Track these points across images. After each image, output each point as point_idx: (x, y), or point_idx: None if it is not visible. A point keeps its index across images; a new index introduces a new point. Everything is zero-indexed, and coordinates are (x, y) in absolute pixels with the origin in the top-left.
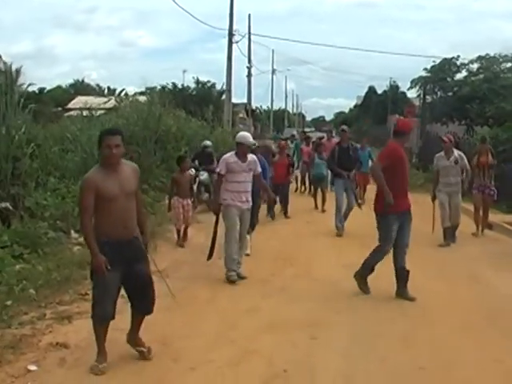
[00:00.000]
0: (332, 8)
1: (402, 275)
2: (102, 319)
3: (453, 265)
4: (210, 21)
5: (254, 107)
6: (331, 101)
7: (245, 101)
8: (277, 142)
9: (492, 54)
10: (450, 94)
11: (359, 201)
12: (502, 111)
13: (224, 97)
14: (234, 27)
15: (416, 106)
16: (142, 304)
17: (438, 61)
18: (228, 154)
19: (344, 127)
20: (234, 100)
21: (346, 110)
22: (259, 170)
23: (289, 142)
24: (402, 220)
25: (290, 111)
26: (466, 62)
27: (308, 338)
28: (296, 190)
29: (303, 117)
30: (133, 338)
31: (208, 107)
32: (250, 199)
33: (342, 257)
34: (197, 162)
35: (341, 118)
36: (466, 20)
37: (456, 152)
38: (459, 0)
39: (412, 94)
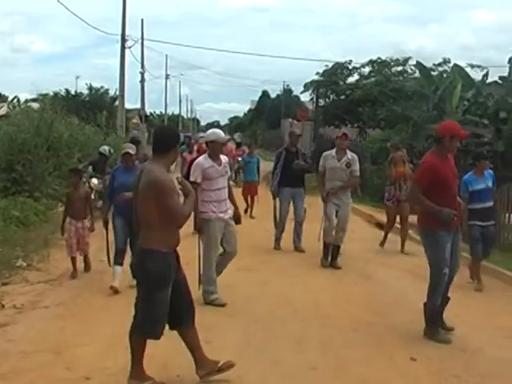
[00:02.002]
0: (224, 13)
1: (441, 302)
2: (155, 337)
3: (344, 264)
4: (103, 26)
5: (147, 113)
6: (225, 105)
7: (138, 106)
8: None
9: (383, 58)
10: (343, 97)
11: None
12: (393, 114)
13: (117, 102)
14: (127, 32)
15: (309, 110)
16: (187, 311)
17: (330, 65)
18: (200, 158)
19: (295, 130)
20: (128, 106)
21: (241, 115)
22: (229, 173)
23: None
24: (454, 239)
25: (185, 116)
26: (357, 65)
27: (202, 341)
28: None
29: (198, 122)
30: (202, 358)
31: (101, 113)
32: (229, 206)
33: (236, 261)
34: (91, 169)
35: (235, 123)
36: (357, 24)
37: (349, 153)
38: (350, 5)
39: (305, 97)
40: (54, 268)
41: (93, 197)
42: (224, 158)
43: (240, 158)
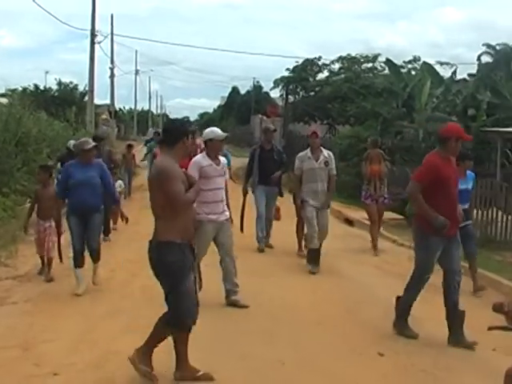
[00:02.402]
0: (195, 9)
1: (455, 315)
2: (185, 329)
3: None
4: (72, 21)
5: (117, 108)
6: (195, 101)
7: (108, 102)
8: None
9: (353, 55)
10: (312, 93)
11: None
12: (362, 110)
13: (87, 98)
14: (97, 28)
15: (279, 106)
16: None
17: (300, 61)
18: (198, 157)
19: (270, 126)
20: (97, 101)
21: (210, 111)
22: (227, 175)
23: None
24: (449, 245)
25: (154, 112)
26: (327, 62)
27: (170, 337)
28: None
29: (167, 117)
30: (184, 361)
31: (70, 109)
32: (226, 208)
33: (208, 256)
34: (59, 165)
35: (205, 119)
36: (327, 20)
37: (325, 152)
38: (320, 1)
39: (275, 94)
40: (22, 264)
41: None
42: (222, 159)
43: None
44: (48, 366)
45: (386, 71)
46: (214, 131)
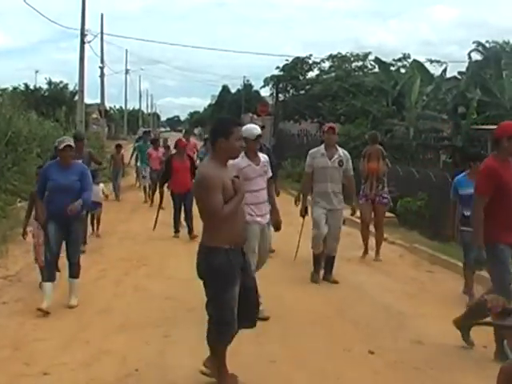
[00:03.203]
0: (185, 8)
1: None
2: (224, 342)
3: (303, 259)
4: (62, 20)
5: (107, 107)
6: (185, 100)
7: (98, 101)
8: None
9: (343, 53)
10: (303, 92)
11: None
12: (352, 108)
13: (77, 97)
14: (87, 27)
15: (269, 105)
16: (251, 314)
17: (290, 59)
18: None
19: (257, 122)
20: (88, 100)
21: (201, 110)
22: (270, 173)
23: (136, 145)
24: None
25: (145, 111)
26: (317, 60)
27: (161, 336)
28: (145, 202)
29: (158, 117)
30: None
31: (60, 108)
32: (268, 210)
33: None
34: None
35: (195, 118)
36: (318, 19)
37: (341, 150)
38: None
39: (265, 92)
40: (13, 264)
41: None
42: (263, 157)
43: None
44: (39, 365)
45: (377, 69)
46: (248, 129)
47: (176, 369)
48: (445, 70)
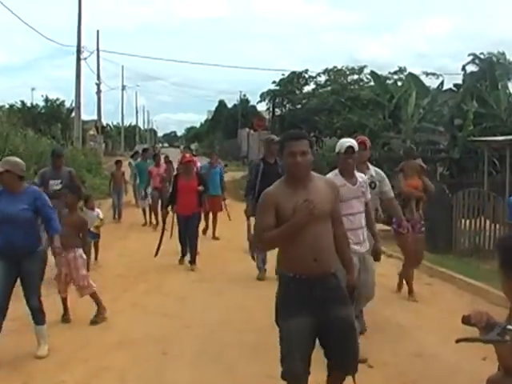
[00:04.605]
0: (179, 24)
1: None
2: (291, 379)
3: None
4: (58, 37)
5: (104, 124)
6: (182, 116)
7: (95, 118)
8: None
9: (339, 67)
10: (299, 106)
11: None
12: (349, 122)
13: (74, 114)
14: (83, 43)
15: (265, 119)
16: (342, 360)
17: (286, 74)
18: (331, 174)
19: (273, 136)
20: (84, 117)
21: (197, 125)
22: (369, 195)
23: (131, 160)
24: None
25: (142, 127)
26: (313, 74)
27: (159, 352)
28: (145, 225)
29: (155, 132)
30: None
31: (56, 125)
32: (366, 237)
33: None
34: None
35: (192, 133)
36: (313, 33)
37: (372, 168)
38: (305, 14)
39: (262, 107)
40: None
41: None
42: (361, 177)
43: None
44: None
45: (372, 83)
46: (342, 143)
47: None
48: (442, 83)
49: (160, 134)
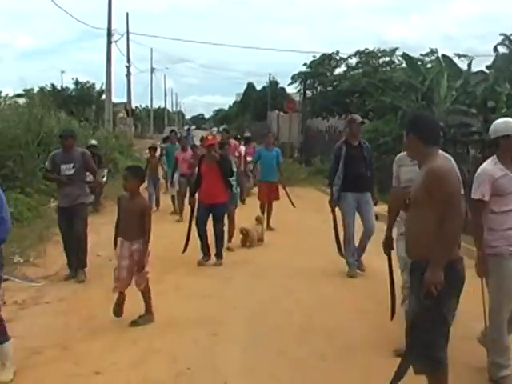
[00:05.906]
0: (209, 6)
1: None
2: (443, 367)
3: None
4: (86, 20)
5: (133, 106)
6: (209, 98)
7: (124, 100)
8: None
9: (370, 49)
10: (330, 88)
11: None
12: (381, 104)
13: (104, 97)
14: (113, 26)
15: (296, 101)
16: None
17: (317, 56)
18: (487, 164)
19: (356, 116)
20: (114, 100)
21: (225, 107)
22: None
23: (162, 145)
24: None
25: (170, 109)
26: (345, 56)
27: (208, 334)
28: (173, 213)
29: (183, 115)
30: None
31: (90, 107)
32: None
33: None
34: None
35: (220, 115)
36: (339, 16)
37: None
38: None
39: (291, 89)
40: (52, 263)
41: None
42: None
43: (249, 158)
44: (88, 365)
45: (404, 65)
46: (509, 123)
47: (226, 367)
48: (470, 64)
49: (188, 116)
